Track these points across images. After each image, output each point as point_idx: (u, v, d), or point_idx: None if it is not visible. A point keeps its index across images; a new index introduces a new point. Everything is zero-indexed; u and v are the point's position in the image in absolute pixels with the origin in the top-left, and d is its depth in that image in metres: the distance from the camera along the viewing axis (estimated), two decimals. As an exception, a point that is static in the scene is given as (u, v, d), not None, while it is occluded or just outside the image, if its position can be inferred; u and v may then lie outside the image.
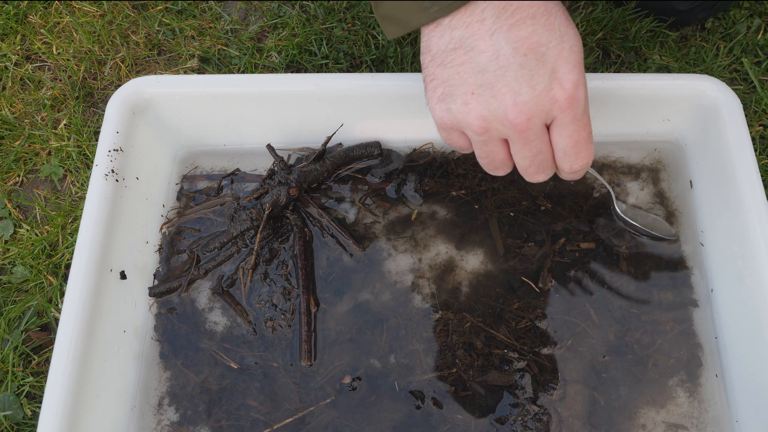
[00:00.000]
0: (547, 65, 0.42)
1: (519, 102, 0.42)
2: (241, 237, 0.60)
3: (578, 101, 0.43)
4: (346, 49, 0.80)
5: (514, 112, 0.42)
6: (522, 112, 0.42)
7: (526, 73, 0.41)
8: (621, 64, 0.79)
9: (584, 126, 0.45)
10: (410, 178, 0.64)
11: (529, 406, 0.55)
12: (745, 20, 0.81)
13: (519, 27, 0.41)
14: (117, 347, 0.55)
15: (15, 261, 0.70)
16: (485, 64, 0.42)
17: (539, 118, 0.43)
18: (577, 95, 0.42)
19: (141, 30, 0.83)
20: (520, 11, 0.41)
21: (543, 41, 0.41)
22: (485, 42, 0.42)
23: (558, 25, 0.42)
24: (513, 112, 0.42)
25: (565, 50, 0.42)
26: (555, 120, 0.44)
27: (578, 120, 0.44)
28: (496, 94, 0.42)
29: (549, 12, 0.41)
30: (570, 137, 0.45)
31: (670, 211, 0.63)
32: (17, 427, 0.62)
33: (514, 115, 0.42)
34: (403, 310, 0.58)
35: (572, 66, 0.42)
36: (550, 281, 0.59)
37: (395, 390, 0.55)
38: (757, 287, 0.54)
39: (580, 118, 0.44)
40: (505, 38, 0.41)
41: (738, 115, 0.58)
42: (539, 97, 0.42)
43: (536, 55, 0.41)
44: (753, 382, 0.54)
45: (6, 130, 0.77)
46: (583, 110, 0.43)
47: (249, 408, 0.55)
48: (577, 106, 0.43)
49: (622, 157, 0.66)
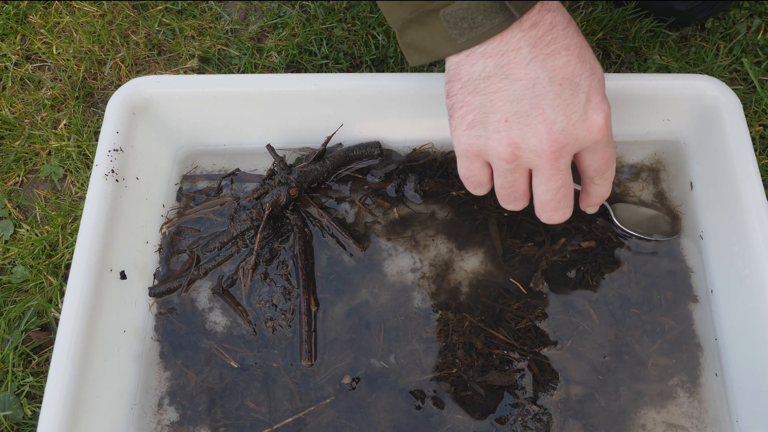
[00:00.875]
0: (581, 95, 0.43)
1: (554, 131, 0.43)
2: (241, 237, 0.60)
3: (609, 130, 0.45)
4: (346, 49, 0.80)
5: (549, 140, 0.43)
6: (557, 141, 0.43)
7: (562, 102, 0.42)
8: (621, 64, 0.79)
9: (613, 146, 0.47)
10: (410, 178, 0.64)
11: (529, 406, 0.55)
12: (745, 20, 0.81)
13: (555, 57, 0.42)
14: (117, 347, 0.55)
15: (15, 261, 0.70)
16: (521, 93, 0.43)
17: (572, 147, 0.44)
18: (608, 124, 0.44)
19: (141, 30, 0.83)
20: (555, 42, 0.42)
21: (577, 72, 0.42)
22: (521, 70, 0.42)
23: (588, 58, 0.43)
24: (548, 140, 0.43)
25: (595, 81, 0.43)
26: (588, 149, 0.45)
27: (608, 145, 0.46)
28: (531, 122, 0.43)
29: (581, 45, 0.43)
30: (602, 158, 0.47)
31: (670, 210, 0.63)
32: (17, 427, 0.62)
33: (548, 144, 0.43)
34: (403, 310, 0.58)
35: (602, 97, 0.44)
36: (542, 283, 0.59)
37: (395, 390, 0.55)
38: (757, 287, 0.54)
39: (610, 142, 0.46)
40: (542, 67, 0.42)
41: (738, 115, 0.58)
42: (574, 126, 0.43)
43: (571, 85, 0.42)
44: (753, 382, 0.54)
45: (6, 130, 0.77)
46: (611, 136, 0.46)
47: (249, 408, 0.55)
48: (608, 134, 0.45)
49: (622, 157, 0.66)
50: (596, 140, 0.44)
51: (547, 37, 0.42)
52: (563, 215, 0.49)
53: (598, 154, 0.46)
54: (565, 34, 0.42)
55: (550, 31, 0.42)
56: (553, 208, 0.48)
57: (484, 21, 0.41)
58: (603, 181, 0.50)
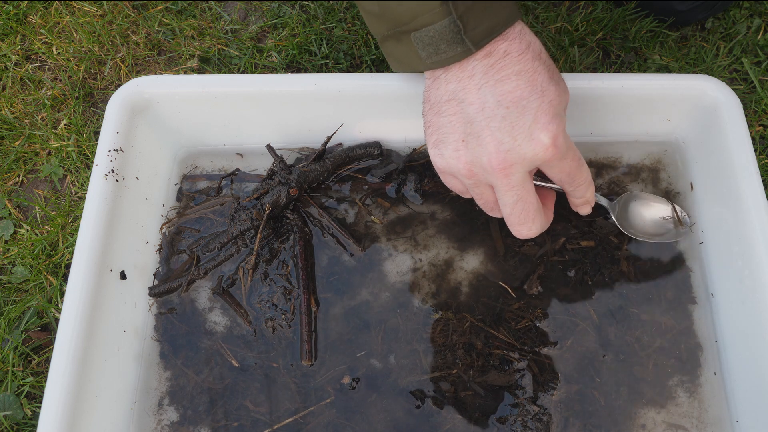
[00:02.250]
0: (527, 117, 0.45)
1: (501, 150, 0.46)
2: (241, 237, 0.60)
3: (557, 148, 0.46)
4: (346, 49, 0.80)
5: (497, 159, 0.46)
6: (504, 160, 0.46)
7: (508, 124, 0.45)
8: (621, 64, 0.79)
9: (571, 159, 0.49)
10: (410, 178, 0.64)
11: (529, 406, 0.55)
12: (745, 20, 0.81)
13: (504, 82, 0.45)
14: (117, 347, 0.55)
15: (15, 261, 0.70)
16: (473, 115, 0.46)
17: (521, 166, 0.47)
18: (557, 143, 0.46)
19: (141, 30, 0.83)
20: (506, 69, 0.45)
21: (525, 95, 0.45)
22: (474, 95, 0.46)
23: (540, 81, 0.46)
24: (496, 159, 0.46)
25: (545, 103, 0.45)
26: (542, 165, 0.48)
27: (563, 159, 0.48)
28: (482, 143, 0.46)
29: (534, 70, 0.46)
30: (561, 172, 0.49)
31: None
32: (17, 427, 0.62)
33: (497, 163, 0.46)
34: (403, 310, 0.58)
35: (551, 117, 0.46)
36: (537, 287, 0.59)
37: (395, 390, 0.55)
38: (757, 287, 0.54)
39: (564, 157, 0.47)
40: (491, 92, 0.45)
41: (738, 115, 0.58)
42: (520, 147, 0.46)
43: (518, 108, 0.45)
44: (753, 382, 0.54)
45: (6, 130, 0.77)
46: (565, 152, 0.47)
47: (249, 408, 0.55)
48: (557, 153, 0.46)
49: (622, 157, 0.66)
50: (545, 159, 0.46)
51: (498, 64, 0.45)
52: (528, 230, 0.51)
53: (555, 169, 0.49)
54: (518, 60, 0.45)
55: (502, 59, 0.45)
56: (516, 222, 0.51)
57: (446, 49, 0.45)
58: (574, 189, 0.53)
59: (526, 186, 0.48)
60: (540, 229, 0.52)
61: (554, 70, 0.48)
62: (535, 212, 0.50)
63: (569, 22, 0.81)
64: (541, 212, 0.51)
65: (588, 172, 0.52)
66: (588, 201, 0.56)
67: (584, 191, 0.54)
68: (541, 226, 0.52)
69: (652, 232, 0.61)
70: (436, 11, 0.44)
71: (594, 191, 0.55)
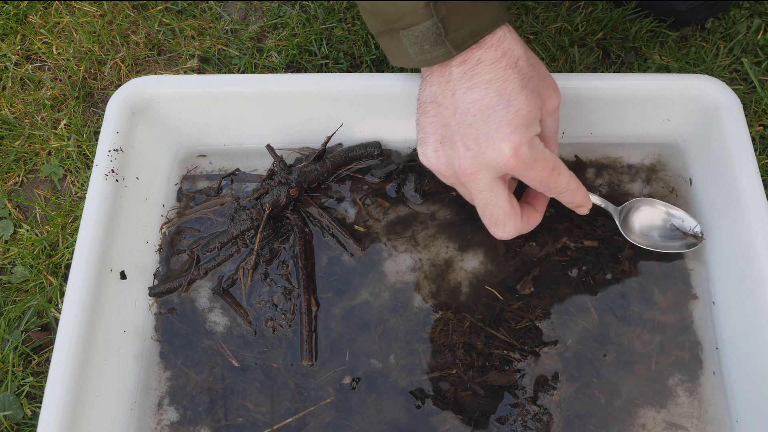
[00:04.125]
0: (492, 126, 0.46)
1: (467, 156, 0.47)
2: (241, 237, 0.60)
3: (520, 158, 0.46)
4: (346, 49, 0.80)
5: (465, 164, 0.47)
6: (470, 166, 0.47)
7: (474, 131, 0.46)
8: (621, 64, 0.79)
9: (541, 169, 0.48)
10: (410, 178, 0.64)
11: (529, 406, 0.55)
12: (745, 20, 0.81)
13: (474, 90, 0.46)
14: (117, 347, 0.55)
15: (15, 261, 0.70)
16: (448, 119, 0.48)
17: (486, 173, 0.47)
18: (519, 154, 0.46)
19: (141, 30, 0.83)
20: (478, 76, 0.46)
21: (492, 104, 0.45)
22: (448, 100, 0.47)
23: (509, 91, 0.46)
24: (464, 164, 0.47)
25: (510, 113, 0.45)
26: (510, 173, 0.48)
27: (530, 169, 0.47)
28: (454, 147, 0.48)
29: (505, 79, 0.46)
30: (532, 180, 0.49)
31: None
32: (17, 427, 0.62)
33: (464, 167, 0.48)
34: (403, 310, 0.59)
35: (515, 128, 0.45)
36: (530, 288, 0.59)
37: (395, 390, 0.55)
38: (757, 287, 0.54)
39: (530, 167, 0.47)
40: (462, 99, 0.46)
41: (738, 115, 0.58)
42: (484, 154, 0.46)
43: (483, 117, 0.46)
44: (753, 382, 0.54)
45: (6, 130, 0.77)
46: (530, 162, 0.47)
47: (249, 408, 0.55)
48: (520, 162, 0.46)
49: (622, 157, 0.66)
50: (509, 168, 0.46)
51: (471, 72, 0.46)
52: (501, 232, 0.52)
53: (525, 178, 0.49)
54: (490, 68, 0.46)
55: (475, 67, 0.46)
56: (488, 224, 0.52)
57: (430, 50, 0.46)
58: (556, 196, 0.53)
59: (495, 191, 0.49)
60: (514, 232, 0.52)
61: (532, 78, 0.47)
62: (506, 216, 0.50)
63: (569, 22, 0.81)
64: (514, 216, 0.51)
65: (569, 180, 0.51)
66: (579, 205, 0.55)
67: (570, 198, 0.53)
68: (514, 229, 0.52)
69: (659, 242, 0.60)
70: (420, 12, 0.45)
71: (584, 196, 0.54)
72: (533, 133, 0.47)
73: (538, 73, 0.48)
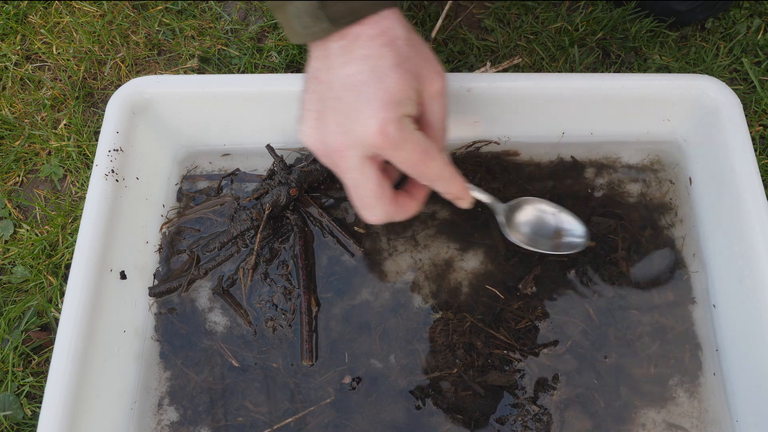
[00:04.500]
0: (362, 101, 0.45)
1: (338, 132, 0.46)
2: (241, 237, 0.60)
3: (387, 137, 0.45)
4: (346, 49, 0.80)
5: (335, 141, 0.46)
6: (340, 142, 0.46)
7: (345, 106, 0.45)
8: (621, 64, 0.79)
9: (410, 151, 0.47)
10: (410, 178, 0.64)
11: (529, 406, 0.55)
12: (745, 20, 0.81)
13: (349, 65, 0.45)
14: (117, 347, 0.55)
15: (15, 261, 0.70)
16: (324, 94, 0.47)
17: (355, 150, 0.46)
18: (386, 132, 0.45)
19: (141, 30, 0.83)
20: (354, 52, 0.45)
21: (364, 80, 0.45)
22: (325, 74, 0.47)
23: (383, 67, 0.45)
24: (335, 140, 0.46)
25: (380, 90, 0.45)
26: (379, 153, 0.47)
27: (398, 150, 0.46)
28: (327, 123, 0.47)
29: (380, 55, 0.45)
30: (400, 163, 0.47)
31: (669, 210, 0.63)
32: (17, 427, 0.62)
33: (335, 144, 0.46)
34: (403, 310, 0.59)
35: (382, 104, 0.45)
36: (531, 287, 0.59)
37: (395, 390, 0.55)
38: (757, 287, 0.54)
39: (398, 148, 0.46)
40: (337, 74, 0.46)
41: (738, 115, 0.58)
42: (352, 131, 0.45)
43: (355, 92, 0.45)
44: (753, 382, 0.54)
45: (6, 130, 0.77)
46: (398, 142, 0.45)
47: (249, 408, 0.55)
48: (387, 141, 0.45)
49: (622, 157, 0.66)
50: (376, 145, 0.45)
51: (349, 47, 0.46)
52: (370, 215, 0.50)
53: (393, 159, 0.47)
54: (367, 44, 0.45)
55: (353, 42, 0.45)
56: (356, 207, 0.50)
57: (311, 24, 0.45)
58: (428, 182, 0.51)
59: (364, 171, 0.47)
60: (384, 217, 0.50)
61: (410, 58, 0.47)
62: (374, 199, 0.49)
63: (569, 22, 0.81)
64: (383, 200, 0.49)
65: (442, 167, 0.49)
66: (457, 197, 0.53)
67: (445, 187, 0.52)
68: (383, 213, 0.50)
69: (543, 242, 0.59)
70: None
71: (460, 187, 0.52)
72: (404, 112, 0.46)
73: (419, 55, 0.48)
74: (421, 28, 0.82)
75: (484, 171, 0.64)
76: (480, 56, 0.81)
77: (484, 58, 0.80)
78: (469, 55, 0.80)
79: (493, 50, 0.81)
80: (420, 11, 0.83)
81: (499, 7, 0.83)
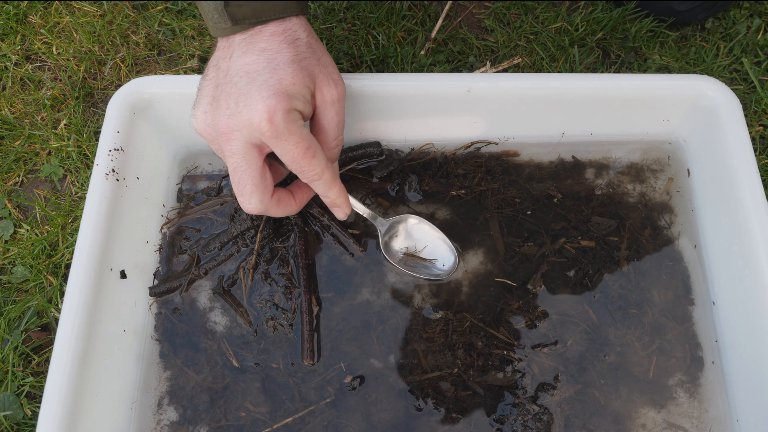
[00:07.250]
0: (253, 88, 0.47)
1: (227, 114, 0.48)
2: (242, 237, 0.60)
3: (273, 125, 0.46)
4: (346, 49, 0.80)
5: (223, 123, 0.48)
6: (226, 125, 0.48)
7: (236, 91, 0.47)
8: (621, 64, 0.80)
9: (294, 145, 0.48)
10: (410, 178, 0.64)
11: (529, 406, 0.55)
12: (745, 20, 0.82)
13: (247, 54, 0.48)
14: (117, 347, 0.55)
15: (15, 261, 0.70)
16: (220, 80, 0.49)
17: (240, 134, 0.48)
18: (272, 120, 0.46)
19: (141, 30, 0.83)
20: (254, 44, 0.48)
21: (259, 69, 0.47)
22: (225, 63, 0.49)
23: (279, 60, 0.48)
24: (222, 123, 0.48)
25: (273, 79, 0.47)
26: (264, 141, 0.48)
27: (282, 141, 0.47)
28: (218, 106, 0.48)
29: (278, 50, 0.48)
30: (283, 155, 0.48)
31: (669, 210, 0.63)
32: (17, 427, 0.62)
33: (222, 126, 0.48)
34: (404, 309, 0.59)
35: (272, 93, 0.47)
36: (540, 285, 0.59)
37: (395, 390, 0.55)
38: (757, 287, 0.54)
39: (282, 138, 0.47)
40: (236, 62, 0.48)
41: (738, 116, 0.58)
42: (240, 114, 0.47)
43: (248, 79, 0.47)
44: (753, 382, 0.54)
45: (6, 130, 0.77)
46: (282, 132, 0.47)
47: (249, 408, 0.55)
48: (272, 129, 0.47)
49: (622, 157, 0.66)
50: (260, 131, 0.46)
51: (250, 39, 0.48)
52: (246, 203, 0.51)
53: (276, 150, 0.48)
54: (268, 39, 0.48)
55: (254, 36, 0.48)
56: (235, 191, 0.51)
57: (219, 20, 0.48)
58: (309, 180, 0.51)
59: (247, 157, 0.49)
60: (261, 207, 0.51)
61: (307, 58, 0.49)
62: (253, 187, 0.50)
63: (569, 22, 0.81)
64: (262, 190, 0.50)
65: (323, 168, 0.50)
66: (335, 204, 0.55)
67: (324, 190, 0.53)
68: (260, 204, 0.51)
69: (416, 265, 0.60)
70: None
71: (339, 192, 0.54)
72: (294, 106, 0.47)
73: (316, 59, 0.50)
74: (421, 28, 0.82)
75: (484, 171, 0.64)
76: (480, 56, 0.81)
77: (484, 58, 0.81)
78: (469, 55, 0.81)
79: (493, 50, 0.81)
80: (420, 11, 0.83)
81: (499, 7, 0.83)
